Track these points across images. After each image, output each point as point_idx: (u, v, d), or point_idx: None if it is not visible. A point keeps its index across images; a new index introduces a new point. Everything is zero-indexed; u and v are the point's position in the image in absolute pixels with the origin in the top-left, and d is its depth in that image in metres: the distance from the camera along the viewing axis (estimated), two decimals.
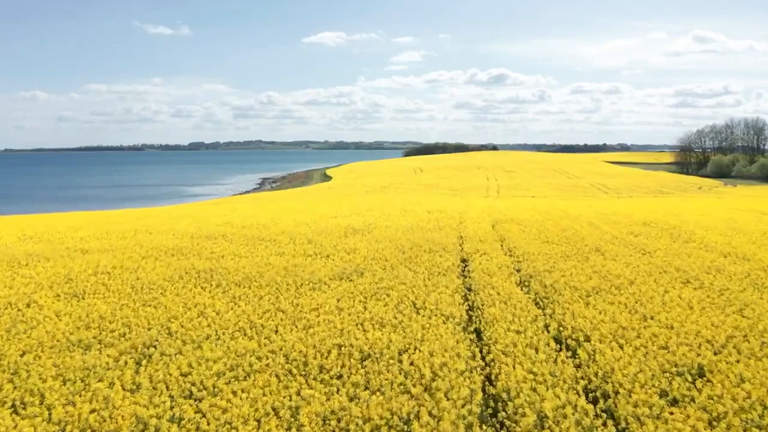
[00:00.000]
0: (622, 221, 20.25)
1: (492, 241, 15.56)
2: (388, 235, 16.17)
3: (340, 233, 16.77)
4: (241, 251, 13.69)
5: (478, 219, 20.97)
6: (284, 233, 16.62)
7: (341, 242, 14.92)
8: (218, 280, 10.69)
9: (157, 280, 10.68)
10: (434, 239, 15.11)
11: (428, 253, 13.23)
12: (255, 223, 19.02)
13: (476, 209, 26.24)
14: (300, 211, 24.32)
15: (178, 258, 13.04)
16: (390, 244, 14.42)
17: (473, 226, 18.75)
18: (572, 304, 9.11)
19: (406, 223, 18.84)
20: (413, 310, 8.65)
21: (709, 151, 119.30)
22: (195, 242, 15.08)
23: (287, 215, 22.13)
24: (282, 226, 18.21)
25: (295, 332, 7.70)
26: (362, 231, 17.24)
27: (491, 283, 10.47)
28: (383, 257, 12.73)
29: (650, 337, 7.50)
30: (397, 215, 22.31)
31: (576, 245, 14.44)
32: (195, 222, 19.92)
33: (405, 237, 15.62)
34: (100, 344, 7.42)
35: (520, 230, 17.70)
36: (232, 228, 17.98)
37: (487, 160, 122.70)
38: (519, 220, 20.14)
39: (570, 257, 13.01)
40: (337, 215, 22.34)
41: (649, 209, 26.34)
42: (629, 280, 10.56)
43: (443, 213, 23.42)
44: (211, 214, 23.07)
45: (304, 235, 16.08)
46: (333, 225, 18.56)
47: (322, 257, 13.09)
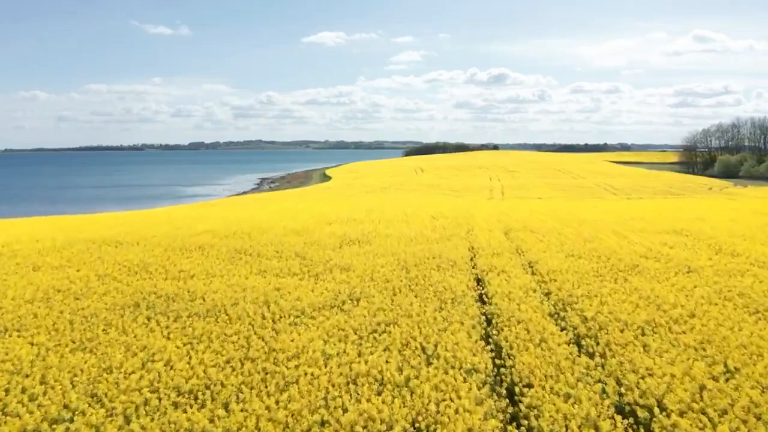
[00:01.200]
0: (647, 229, 18.23)
1: (508, 254, 13.54)
2: (389, 247, 14.15)
3: (334, 244, 14.76)
4: (216, 269, 11.67)
5: (488, 226, 18.94)
6: (271, 244, 14.60)
7: (335, 256, 12.90)
8: (179, 310, 8.67)
9: (104, 311, 8.66)
10: (442, 252, 13.09)
11: (436, 271, 11.21)
12: (239, 231, 16.99)
13: (484, 214, 24.21)
14: (293, 215, 22.31)
15: (141, 277, 11.01)
16: (391, 259, 12.39)
17: (484, 235, 16.74)
18: (626, 347, 7.09)
19: (409, 232, 16.81)
20: (423, 359, 6.63)
21: (716, 151, 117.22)
22: (166, 256, 13.05)
23: (278, 221, 20.10)
24: (269, 236, 16.19)
25: (263, 398, 5.68)
26: (360, 241, 15.23)
27: (517, 314, 8.46)
28: (383, 277, 10.71)
29: (748, 405, 5.49)
30: (398, 221, 20.29)
31: (608, 260, 12.40)
32: (174, 230, 17.89)
33: (408, 250, 13.60)
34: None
35: (537, 240, 15.68)
36: (212, 237, 15.96)
37: (488, 160, 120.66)
38: (534, 228, 18.11)
39: (604, 277, 10.98)
40: (333, 221, 20.32)
41: (672, 214, 24.30)
42: (688, 311, 8.53)
43: (449, 218, 21.39)
44: (195, 220, 21.05)
45: (292, 247, 14.06)
46: (327, 233, 16.54)
47: (311, 276, 11.07)
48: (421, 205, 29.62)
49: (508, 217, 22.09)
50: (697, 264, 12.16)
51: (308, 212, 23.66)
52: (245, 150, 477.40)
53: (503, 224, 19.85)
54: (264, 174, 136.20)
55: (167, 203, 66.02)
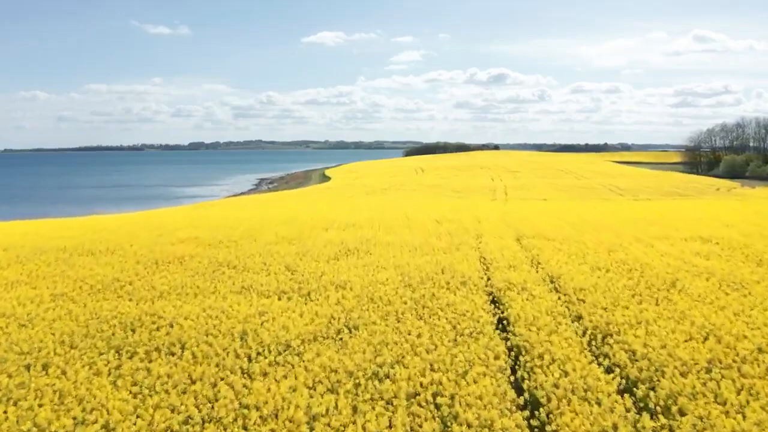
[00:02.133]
0: (672, 235, 16.70)
1: (525, 267, 12.01)
2: (391, 258, 12.62)
3: (330, 254, 13.24)
4: (192, 286, 10.13)
5: (498, 232, 17.41)
6: (259, 255, 13.08)
7: (330, 270, 11.38)
8: (137, 344, 7.15)
9: (50, 343, 7.14)
10: (451, 265, 11.56)
11: (446, 290, 9.68)
12: (226, 239, 15.48)
13: (492, 218, 22.68)
14: (287, 220, 20.79)
15: (103, 298, 9.49)
16: (394, 274, 10.87)
17: (495, 242, 15.21)
18: (695, 400, 5.57)
19: (413, 240, 15.29)
20: (437, 424, 5.09)
21: (720, 151, 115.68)
22: (138, 270, 11.53)
23: (270, 226, 18.59)
24: (259, 244, 14.67)
25: None
26: (358, 251, 13.71)
27: (549, 348, 6.94)
28: (385, 297, 9.18)
29: None
30: (400, 226, 18.77)
31: (641, 275, 10.86)
32: (155, 236, 16.37)
33: (413, 262, 12.07)
34: None
35: (555, 249, 14.16)
36: (195, 246, 14.44)
37: (489, 160, 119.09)
38: (549, 235, 16.58)
39: (642, 297, 9.45)
40: (330, 226, 18.80)
41: (691, 218, 22.76)
42: (755, 345, 7.00)
43: (454, 223, 19.86)
44: (181, 225, 19.52)
45: (283, 259, 12.53)
46: (323, 241, 15.02)
47: (301, 296, 9.54)
48: (423, 208, 28.11)
49: (517, 222, 20.56)
50: (741, 279, 10.64)
51: (304, 216, 22.14)
52: (245, 150, 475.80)
53: (514, 229, 18.32)
54: (263, 174, 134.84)
55: (162, 204, 64.59)
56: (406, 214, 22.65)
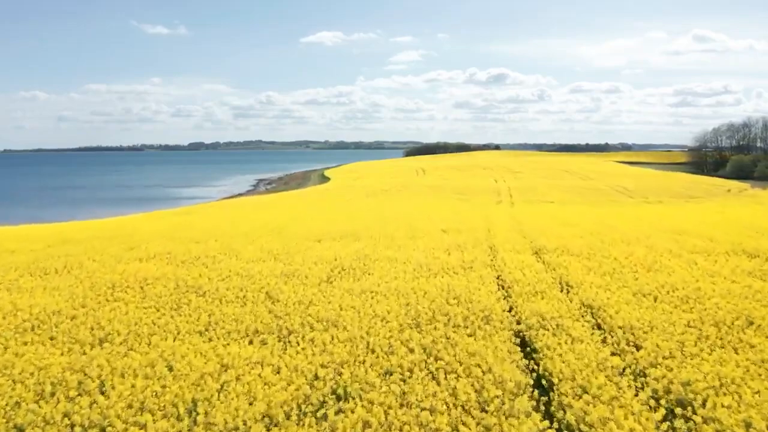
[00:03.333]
0: (712, 249, 14.69)
1: (554, 292, 10.01)
2: (393, 281, 10.61)
3: (320, 275, 11.24)
4: (142, 325, 8.10)
5: (513, 244, 15.40)
6: (237, 276, 11.08)
7: (319, 298, 9.38)
8: (38, 424, 5.14)
9: None
10: (466, 291, 9.55)
11: (463, 331, 7.66)
12: (204, 254, 13.47)
13: (502, 225, 20.68)
14: (277, 229, 18.79)
15: (29, 341, 7.49)
16: (396, 305, 8.86)
17: (512, 258, 13.20)
18: None
19: (418, 255, 13.28)
20: None
21: (726, 151, 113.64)
22: (88, 299, 9.52)
23: (256, 237, 16.59)
24: (240, 261, 12.67)
25: None
26: (354, 270, 11.71)
27: (609, 427, 4.95)
28: (386, 342, 7.17)
29: None
30: (403, 236, 16.77)
31: (702, 308, 8.84)
32: (123, 251, 14.38)
33: (419, 287, 10.06)
34: None
35: (584, 268, 12.15)
36: (166, 264, 12.43)
37: (491, 161, 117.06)
38: (573, 248, 14.57)
39: (712, 340, 7.42)
40: (324, 236, 16.81)
41: (719, 224, 20.70)
42: None
43: (463, 233, 17.86)
44: (158, 234, 17.52)
45: (265, 281, 10.53)
46: (314, 257, 13.03)
47: (280, 338, 7.55)
48: (427, 214, 26.09)
49: (531, 230, 18.55)
50: None
51: (295, 225, 20.13)
52: (245, 150, 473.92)
53: (530, 241, 16.33)
54: (262, 175, 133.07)
55: (157, 206, 62.62)
56: (410, 222, 20.64)
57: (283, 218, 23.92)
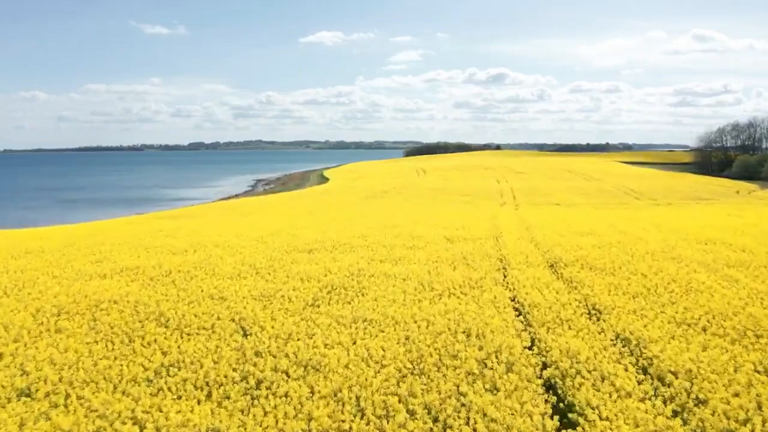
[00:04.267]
0: (747, 262, 13.11)
1: (582, 321, 8.43)
2: (391, 305, 9.03)
3: (306, 297, 9.66)
4: (85, 366, 6.54)
5: (525, 256, 13.81)
6: (208, 299, 9.50)
7: (301, 329, 7.81)
8: None
9: None
10: (477, 324, 7.97)
11: (480, 384, 6.08)
12: (176, 269, 11.89)
13: (510, 231, 19.08)
14: (264, 237, 17.20)
15: None
16: (395, 340, 7.29)
17: (526, 274, 11.62)
18: None
19: (420, 272, 11.70)
20: None
21: (731, 151, 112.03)
22: (24, 330, 7.91)
23: (239, 248, 15.01)
24: (215, 279, 11.09)
25: None
26: (346, 290, 10.14)
27: None
28: (380, 399, 5.60)
29: None
30: (402, 246, 15.20)
31: (764, 341, 7.28)
32: (90, 264, 12.80)
33: (421, 314, 8.48)
34: None
35: (610, 287, 10.57)
36: (131, 281, 10.85)
37: (492, 161, 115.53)
38: (593, 261, 12.98)
39: None
40: (315, 246, 15.24)
41: (750, 233, 19.06)
42: None
43: (468, 241, 16.29)
44: (133, 244, 15.92)
45: (238, 306, 8.95)
46: (299, 274, 11.44)
47: (245, 394, 5.97)
48: (429, 218, 24.50)
49: (543, 238, 16.96)
50: None
51: (287, 231, 18.54)
52: (245, 150, 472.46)
53: (544, 251, 14.76)
54: (261, 175, 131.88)
55: (151, 208, 61.63)
56: (410, 229, 19.04)
57: (274, 224, 22.34)
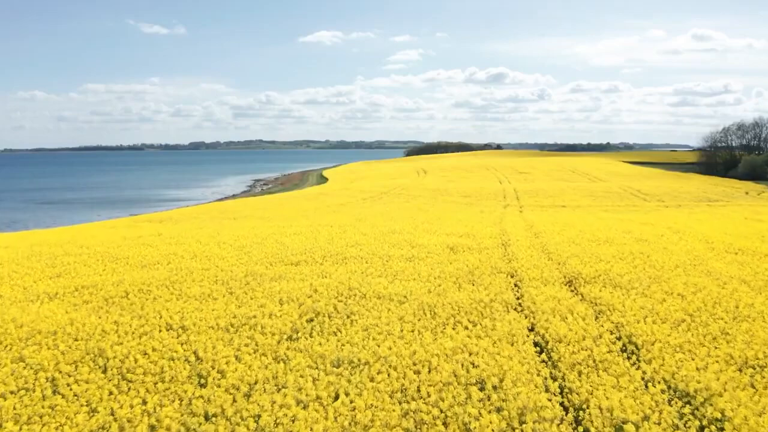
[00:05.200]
0: None
1: (621, 365, 6.81)
2: (384, 340, 7.40)
3: (282, 327, 8.04)
4: None
5: (540, 272, 12.14)
6: (164, 330, 7.88)
7: (267, 382, 6.19)
8: None
9: None
10: (493, 371, 6.35)
11: None
12: (137, 288, 10.26)
13: (519, 239, 17.42)
14: (247, 246, 15.58)
15: None
16: (386, 396, 5.67)
17: (544, 295, 9.99)
18: None
19: (420, 292, 10.06)
20: None
21: (737, 151, 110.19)
22: None
23: (220, 259, 13.38)
24: (179, 302, 9.46)
25: None
26: (331, 317, 8.52)
27: None
28: None
29: None
30: (400, 258, 13.58)
31: None
32: (46, 278, 11.19)
33: (420, 353, 6.84)
34: None
35: (644, 312, 8.94)
36: (81, 302, 9.22)
37: (494, 161, 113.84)
38: (617, 278, 11.32)
39: None
40: (303, 258, 13.61)
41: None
42: None
43: (474, 252, 14.67)
44: (101, 256, 14.30)
45: (197, 340, 7.34)
46: (281, 294, 9.82)
47: None
48: (430, 223, 22.84)
49: (557, 248, 15.32)
50: None
51: (272, 239, 16.90)
52: (246, 150, 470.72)
53: (558, 263, 13.13)
54: (260, 175, 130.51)
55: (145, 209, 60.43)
56: (409, 236, 17.40)
57: (263, 229, 20.70)
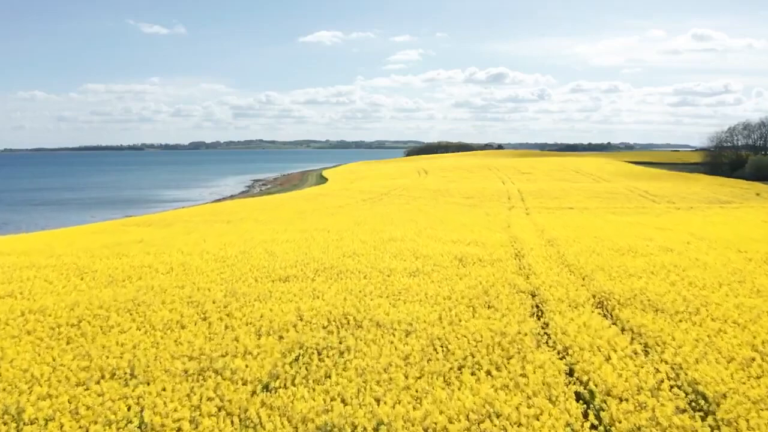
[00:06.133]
0: None
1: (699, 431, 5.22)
2: (383, 394, 5.81)
3: (257, 372, 6.45)
4: None
5: (566, 290, 10.52)
6: (105, 381, 6.29)
7: None
8: None
9: None
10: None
11: None
12: (92, 314, 8.64)
13: (534, 250, 15.79)
14: (234, 257, 13.98)
15: None
16: None
17: (574, 321, 8.38)
18: None
19: (427, 317, 8.45)
20: None
21: (743, 151, 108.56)
22: None
23: (199, 274, 11.78)
24: (138, 332, 7.87)
25: None
26: (320, 355, 6.92)
27: None
28: None
29: None
30: (403, 272, 11.97)
31: None
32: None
33: (437, 417, 5.25)
34: None
35: (699, 344, 7.34)
36: (23, 325, 7.63)
37: (495, 161, 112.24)
38: (654, 298, 9.72)
39: None
40: (293, 272, 12.00)
41: None
42: None
43: (486, 264, 13.07)
44: (56, 271, 12.66)
45: (134, 413, 5.75)
46: (261, 322, 8.22)
47: None
48: (434, 227, 21.22)
49: (578, 259, 13.71)
50: None
51: (262, 248, 15.26)
52: (246, 150, 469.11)
53: (582, 277, 11.55)
54: (259, 175, 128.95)
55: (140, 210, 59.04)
56: (413, 244, 15.77)
57: (255, 234, 19.08)
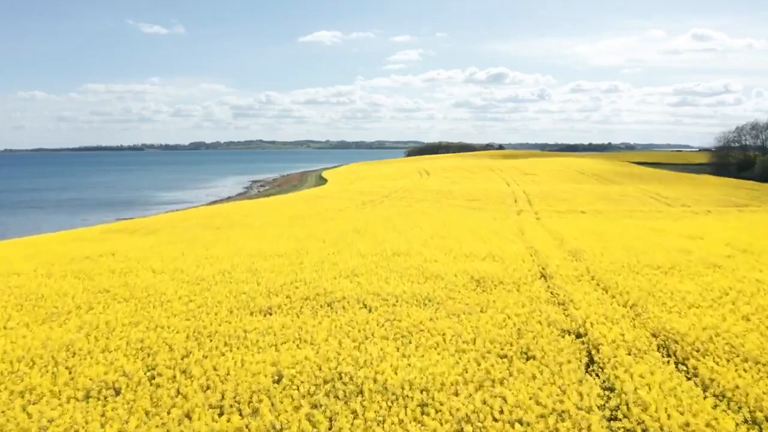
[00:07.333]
0: None
1: None
2: None
3: None
4: None
5: (621, 333, 8.43)
6: None
7: None
8: None
9: None
10: None
11: None
12: (11, 367, 6.62)
13: (561, 266, 13.68)
14: (211, 279, 11.93)
15: None
16: None
17: (645, 379, 6.32)
18: None
19: (447, 375, 6.37)
20: None
21: (750, 152, 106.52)
22: None
23: (151, 315, 9.74)
24: (50, 412, 5.80)
25: None
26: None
27: None
28: None
29: None
30: (409, 300, 9.90)
31: None
32: None
33: None
34: None
35: None
36: None
37: (497, 161, 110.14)
38: (736, 343, 7.66)
39: None
40: (275, 302, 9.93)
41: None
42: None
43: (510, 290, 10.99)
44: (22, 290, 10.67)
45: None
46: (227, 384, 6.17)
47: None
48: (441, 236, 19.08)
49: (616, 280, 11.63)
50: None
51: (244, 267, 13.16)
52: (246, 150, 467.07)
53: (629, 308, 9.49)
54: (258, 175, 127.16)
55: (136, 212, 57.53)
56: (419, 260, 13.66)
57: (241, 246, 16.97)
